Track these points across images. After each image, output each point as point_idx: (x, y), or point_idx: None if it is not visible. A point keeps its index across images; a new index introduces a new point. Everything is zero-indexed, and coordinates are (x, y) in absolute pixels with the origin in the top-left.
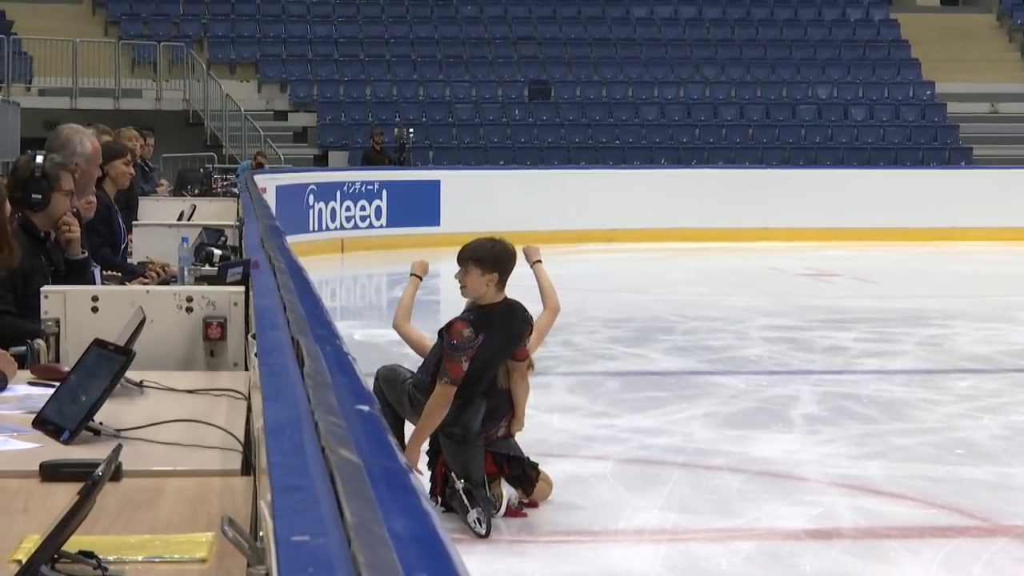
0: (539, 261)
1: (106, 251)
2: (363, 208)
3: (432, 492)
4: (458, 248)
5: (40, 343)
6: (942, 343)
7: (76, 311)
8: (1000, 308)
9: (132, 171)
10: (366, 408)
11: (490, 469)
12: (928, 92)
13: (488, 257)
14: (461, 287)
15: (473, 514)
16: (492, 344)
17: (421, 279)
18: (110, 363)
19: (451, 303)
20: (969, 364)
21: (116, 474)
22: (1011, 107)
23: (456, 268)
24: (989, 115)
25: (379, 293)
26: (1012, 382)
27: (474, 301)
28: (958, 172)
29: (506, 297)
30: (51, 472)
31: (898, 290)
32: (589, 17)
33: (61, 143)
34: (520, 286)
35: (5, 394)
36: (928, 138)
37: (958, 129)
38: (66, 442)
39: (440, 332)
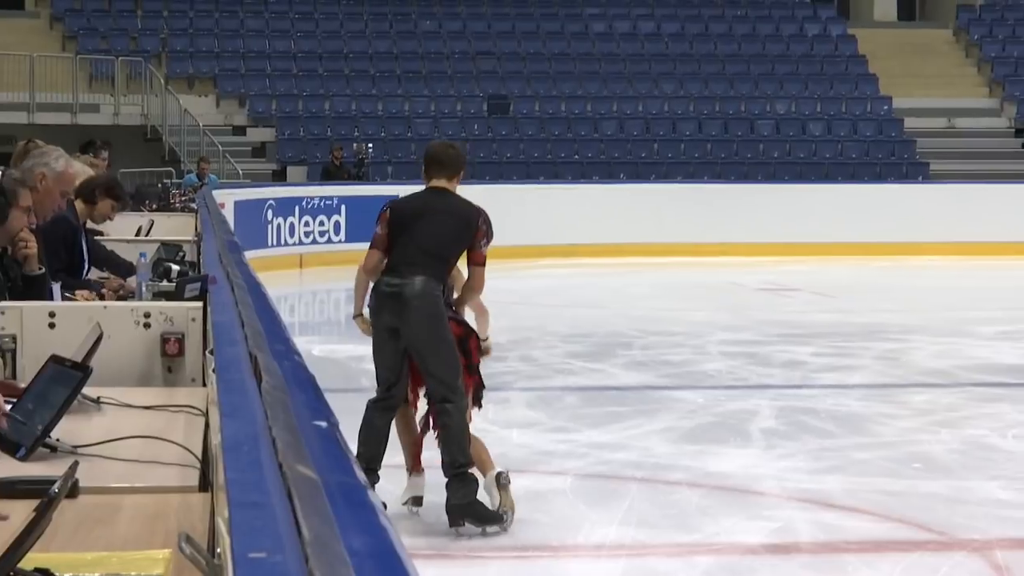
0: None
1: (62, 275)
2: (322, 223)
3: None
4: None
5: None
6: (900, 357)
7: (33, 327)
8: (957, 322)
9: (113, 217)
10: (324, 424)
11: (457, 331)
12: (885, 107)
13: None
14: None
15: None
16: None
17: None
18: (67, 379)
19: None
20: (927, 378)
21: (73, 491)
22: (968, 122)
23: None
24: (946, 130)
25: (337, 308)
26: (969, 396)
27: None
28: (915, 187)
29: (434, 186)
30: (7, 489)
31: (856, 304)
32: (548, 32)
33: (40, 152)
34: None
35: None
36: (886, 153)
37: (915, 144)
38: (22, 459)
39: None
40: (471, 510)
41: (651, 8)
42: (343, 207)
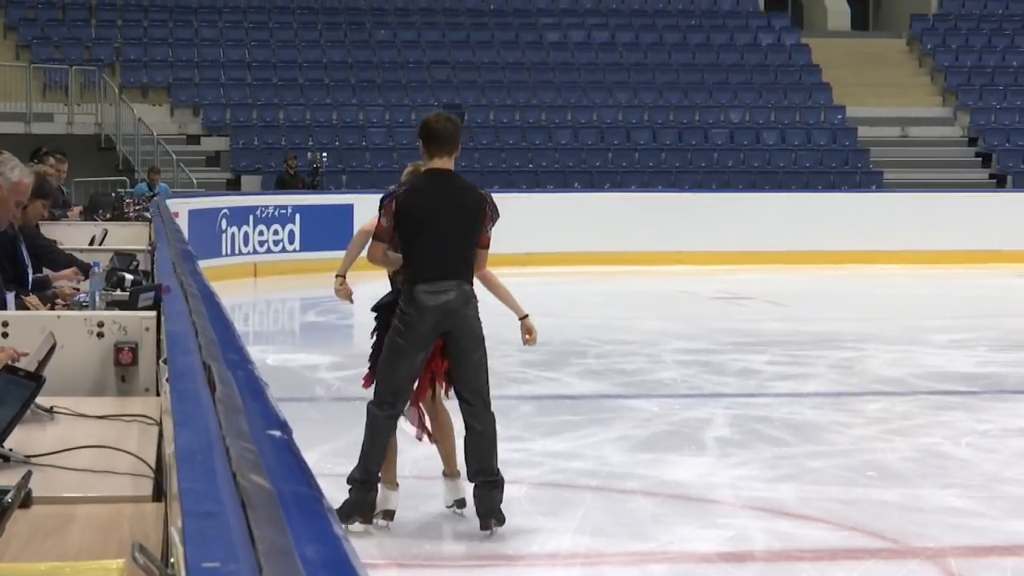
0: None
1: (13, 286)
2: (276, 232)
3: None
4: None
5: None
6: (853, 366)
7: None
8: (911, 331)
9: (47, 214)
10: (278, 433)
11: None
12: (839, 116)
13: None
14: None
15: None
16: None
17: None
18: (20, 389)
19: (363, 327)
20: (880, 387)
21: (26, 501)
22: (921, 131)
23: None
24: (899, 139)
25: (292, 318)
26: (923, 404)
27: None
28: (869, 196)
29: (437, 170)
30: None
31: (810, 313)
32: (502, 41)
33: None
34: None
35: None
36: (839, 162)
37: (869, 153)
38: None
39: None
40: (502, 515)
41: (605, 18)
42: (297, 216)
